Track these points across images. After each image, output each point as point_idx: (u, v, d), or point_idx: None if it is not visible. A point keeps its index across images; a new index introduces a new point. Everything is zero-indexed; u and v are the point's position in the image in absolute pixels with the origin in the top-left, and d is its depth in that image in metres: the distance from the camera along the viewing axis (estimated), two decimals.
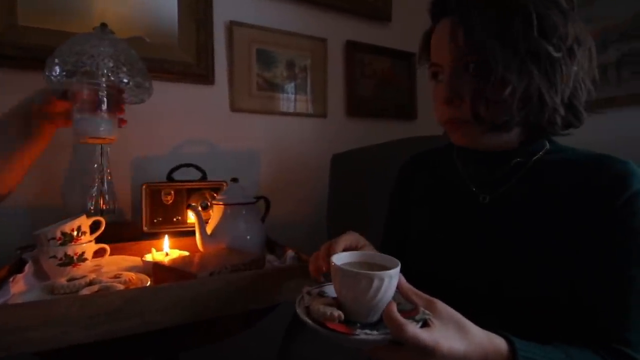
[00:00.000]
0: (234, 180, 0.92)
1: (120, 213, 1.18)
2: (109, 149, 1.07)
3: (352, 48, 1.61)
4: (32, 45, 1.06)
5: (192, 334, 0.70)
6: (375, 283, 0.44)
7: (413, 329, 0.39)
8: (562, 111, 0.54)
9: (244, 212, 0.89)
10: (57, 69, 0.95)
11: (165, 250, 0.86)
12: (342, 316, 0.45)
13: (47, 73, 0.96)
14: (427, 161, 0.75)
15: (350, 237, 0.60)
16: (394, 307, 0.41)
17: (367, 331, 0.43)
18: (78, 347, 0.55)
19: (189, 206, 0.86)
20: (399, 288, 0.46)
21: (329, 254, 0.56)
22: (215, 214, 0.89)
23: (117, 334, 0.54)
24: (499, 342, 0.43)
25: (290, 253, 0.82)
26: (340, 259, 0.51)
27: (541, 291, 0.53)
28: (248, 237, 0.88)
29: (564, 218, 0.53)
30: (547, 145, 0.60)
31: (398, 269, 0.46)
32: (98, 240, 0.83)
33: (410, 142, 1.32)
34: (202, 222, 0.83)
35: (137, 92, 1.07)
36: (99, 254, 0.81)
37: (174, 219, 1.10)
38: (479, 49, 0.52)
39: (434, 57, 0.60)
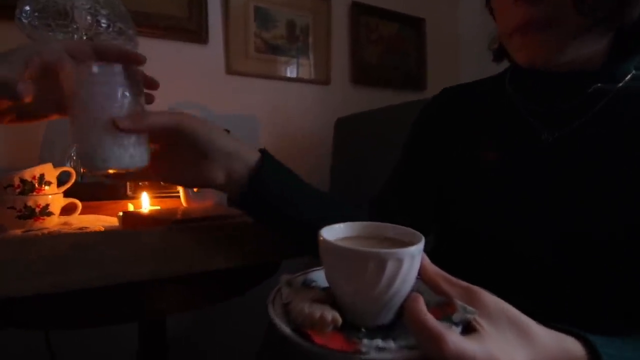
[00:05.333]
0: (226, 131, 0.81)
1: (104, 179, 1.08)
2: None
3: (358, 10, 1.49)
4: None
5: (168, 296, 0.60)
6: (390, 267, 0.30)
7: (456, 339, 0.26)
8: None
9: None
10: (28, 8, 0.85)
11: (144, 207, 0.76)
12: (339, 320, 0.31)
13: (17, 15, 0.86)
14: (469, 93, 0.60)
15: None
16: (422, 305, 0.28)
17: (379, 343, 0.29)
18: (36, 301, 0.46)
19: None
20: (421, 273, 0.33)
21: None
22: None
23: (65, 287, 0.44)
24: (572, 348, 0.31)
25: None
26: (334, 231, 0.35)
27: (619, 255, 0.41)
28: None
29: None
30: (633, 71, 0.47)
31: (422, 245, 0.32)
32: (70, 197, 0.73)
33: (418, 105, 1.21)
34: None
35: (119, 41, 0.97)
36: (69, 210, 0.71)
37: (161, 183, 1.00)
38: None
39: None
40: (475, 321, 0.28)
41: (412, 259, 0.31)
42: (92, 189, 0.85)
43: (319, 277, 0.39)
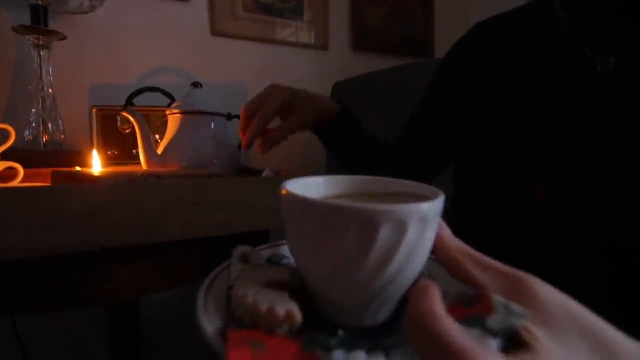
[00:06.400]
0: (196, 85, 0.69)
1: (72, 147, 0.97)
2: (50, 65, 0.85)
3: None
4: None
5: (127, 274, 0.49)
6: (385, 233, 0.18)
7: None
8: None
9: (212, 126, 0.67)
10: None
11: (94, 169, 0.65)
12: (297, 317, 0.19)
13: None
14: (508, 22, 0.50)
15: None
16: (436, 300, 0.15)
17: (362, 357, 0.17)
18: None
19: (125, 107, 0.64)
20: (437, 249, 0.21)
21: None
22: (170, 127, 0.67)
23: None
24: None
25: (267, 171, 0.60)
26: (305, 187, 0.24)
27: None
28: (215, 160, 0.66)
29: None
30: None
31: (440, 202, 0.20)
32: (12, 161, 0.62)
33: (422, 67, 1.08)
34: (145, 130, 0.61)
35: None
36: (7, 177, 0.60)
37: (133, 151, 0.89)
38: None
39: None
40: (526, 330, 0.16)
41: (424, 223, 0.19)
42: (46, 156, 0.74)
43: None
